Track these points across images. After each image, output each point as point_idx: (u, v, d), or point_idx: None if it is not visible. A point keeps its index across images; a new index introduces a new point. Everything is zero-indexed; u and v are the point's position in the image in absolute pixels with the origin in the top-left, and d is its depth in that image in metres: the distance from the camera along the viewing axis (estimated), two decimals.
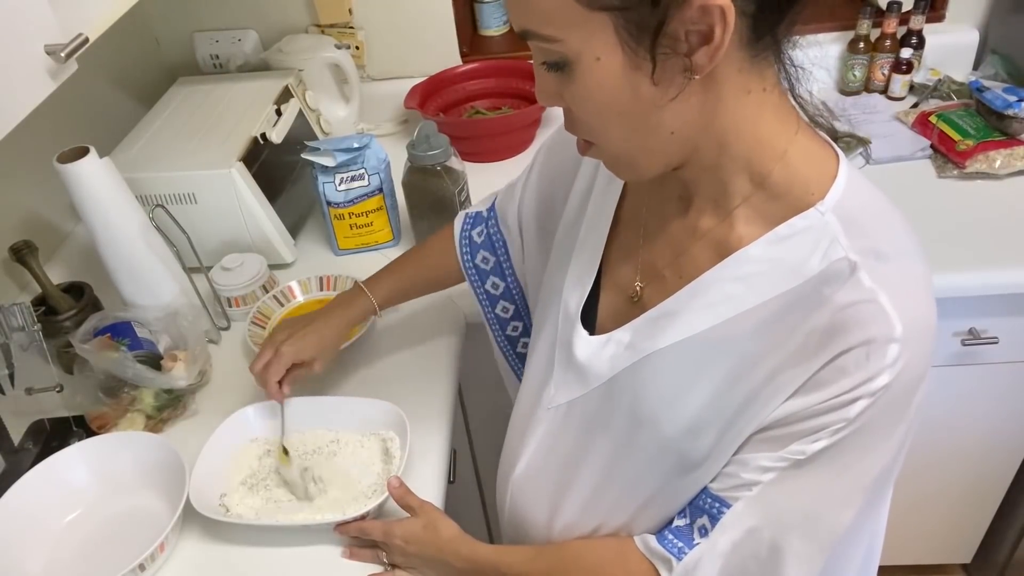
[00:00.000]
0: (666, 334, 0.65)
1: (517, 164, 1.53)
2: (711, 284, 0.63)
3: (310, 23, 1.63)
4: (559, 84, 0.58)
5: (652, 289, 0.70)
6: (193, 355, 1.08)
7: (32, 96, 0.77)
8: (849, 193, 0.60)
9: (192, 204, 1.23)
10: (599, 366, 0.71)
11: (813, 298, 0.58)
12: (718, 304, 0.62)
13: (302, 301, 1.24)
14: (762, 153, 0.60)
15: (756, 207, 0.62)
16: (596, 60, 0.54)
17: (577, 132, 0.62)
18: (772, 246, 0.60)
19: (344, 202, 1.29)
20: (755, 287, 0.61)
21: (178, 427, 1.07)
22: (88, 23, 0.84)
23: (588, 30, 0.53)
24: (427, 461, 0.98)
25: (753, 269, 0.61)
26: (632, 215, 0.75)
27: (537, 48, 0.57)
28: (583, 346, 0.73)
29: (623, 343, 0.69)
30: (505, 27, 1.76)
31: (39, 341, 1.01)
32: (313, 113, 1.49)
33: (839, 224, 0.58)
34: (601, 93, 0.56)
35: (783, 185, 0.60)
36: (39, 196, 1.29)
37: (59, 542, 0.93)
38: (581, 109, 0.58)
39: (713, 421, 0.63)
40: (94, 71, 1.44)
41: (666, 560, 0.66)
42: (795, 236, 0.59)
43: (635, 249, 0.73)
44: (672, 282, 0.67)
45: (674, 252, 0.68)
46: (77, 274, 1.22)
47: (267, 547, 0.90)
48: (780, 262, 0.60)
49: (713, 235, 0.64)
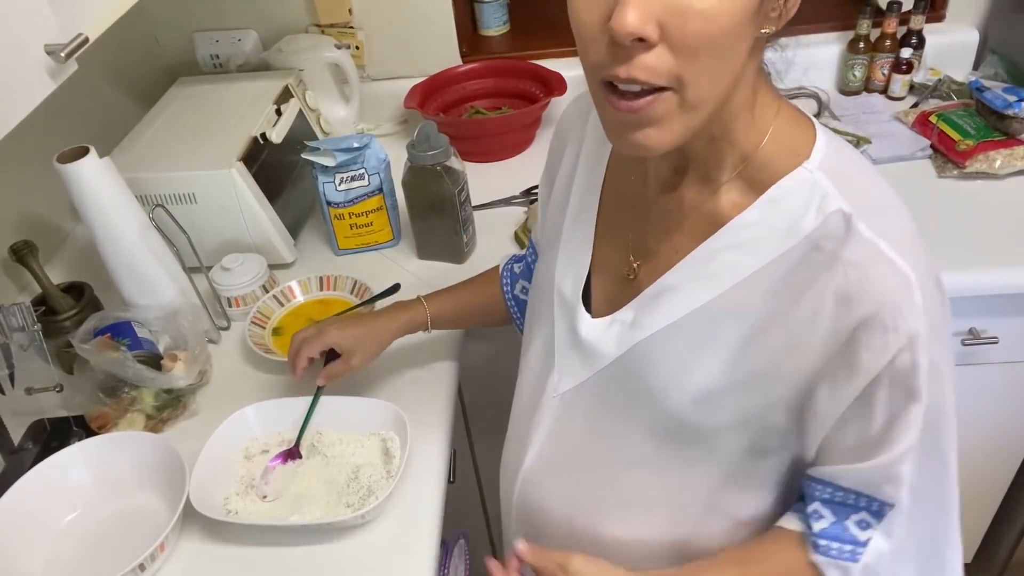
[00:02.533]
0: (670, 309, 0.66)
1: (517, 164, 1.53)
2: (710, 255, 0.64)
3: (310, 23, 1.63)
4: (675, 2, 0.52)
5: (648, 267, 0.70)
6: (193, 355, 1.08)
7: (32, 96, 0.77)
8: (831, 151, 0.62)
9: (192, 204, 1.23)
10: (605, 347, 0.71)
11: (816, 256, 0.59)
12: (720, 274, 0.63)
13: (302, 301, 1.24)
14: (755, 126, 0.62)
15: (746, 177, 0.63)
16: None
17: (659, 69, 0.53)
18: (766, 209, 0.62)
19: (344, 202, 1.29)
20: (754, 251, 0.62)
21: (178, 427, 1.07)
22: (88, 23, 0.84)
23: None
24: (427, 461, 0.98)
25: (750, 234, 0.62)
26: (615, 197, 0.75)
27: None
28: (587, 329, 0.73)
29: (627, 322, 0.69)
30: (505, 27, 1.76)
31: (39, 341, 1.01)
32: (313, 113, 1.49)
33: (827, 179, 0.60)
34: (726, 18, 0.52)
35: (770, 154, 0.62)
36: (39, 196, 1.29)
37: (59, 542, 0.93)
38: (695, 33, 0.52)
39: (727, 389, 0.64)
40: (94, 71, 1.44)
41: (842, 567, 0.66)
42: (787, 196, 0.61)
43: (622, 229, 0.73)
44: (668, 257, 0.67)
45: (666, 228, 0.69)
46: (77, 274, 1.22)
47: (267, 547, 0.90)
48: (776, 223, 0.61)
49: (705, 208, 0.65)
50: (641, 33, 0.51)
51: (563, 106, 1.60)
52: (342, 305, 1.22)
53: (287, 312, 1.23)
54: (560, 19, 2.05)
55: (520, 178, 1.46)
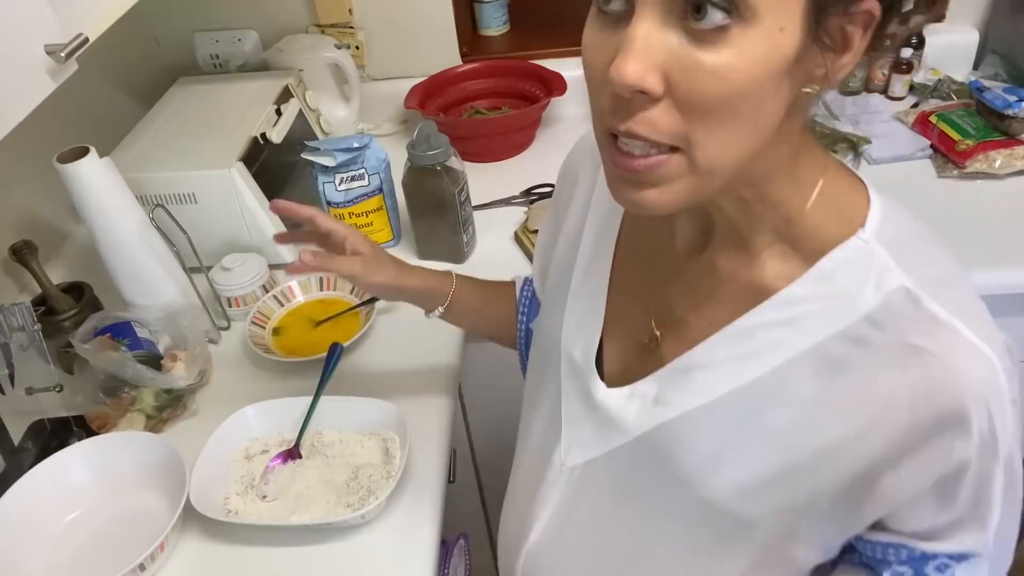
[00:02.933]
0: (704, 387, 0.59)
1: (517, 164, 1.53)
2: (751, 330, 0.57)
3: (310, 23, 1.63)
4: (689, 45, 0.45)
5: (673, 336, 0.63)
6: (193, 355, 1.08)
7: (32, 96, 0.77)
8: (888, 219, 0.55)
9: (192, 204, 1.23)
10: (624, 421, 0.64)
11: (880, 338, 0.52)
12: (764, 351, 0.56)
13: (302, 301, 1.24)
14: (798, 188, 0.55)
15: (790, 244, 0.56)
16: (780, 30, 0.44)
17: (662, 127, 0.48)
18: (817, 284, 0.55)
19: (344, 202, 1.29)
20: (804, 329, 0.55)
21: (178, 427, 1.07)
22: (88, 23, 0.84)
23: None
24: (427, 461, 0.98)
25: (800, 310, 0.55)
26: (633, 252, 0.68)
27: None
28: (601, 398, 0.65)
29: (649, 396, 0.62)
30: (505, 27, 1.76)
31: (39, 341, 1.01)
32: (313, 113, 1.49)
33: (885, 251, 0.53)
34: (743, 77, 0.45)
35: (818, 219, 0.55)
36: (39, 196, 1.29)
37: (59, 542, 0.93)
38: (704, 92, 0.45)
39: (772, 480, 0.57)
40: (94, 71, 1.44)
41: None
42: (841, 269, 0.54)
43: (641, 289, 0.66)
44: (698, 329, 0.60)
45: (695, 295, 0.62)
46: (77, 274, 1.22)
47: (267, 547, 0.90)
48: (829, 299, 0.54)
49: (743, 277, 0.58)
50: (641, 85, 0.45)
51: (563, 106, 1.62)
52: (342, 305, 1.22)
53: (287, 312, 1.23)
54: (560, 19, 2.05)
55: (520, 178, 1.46)
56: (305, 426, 0.99)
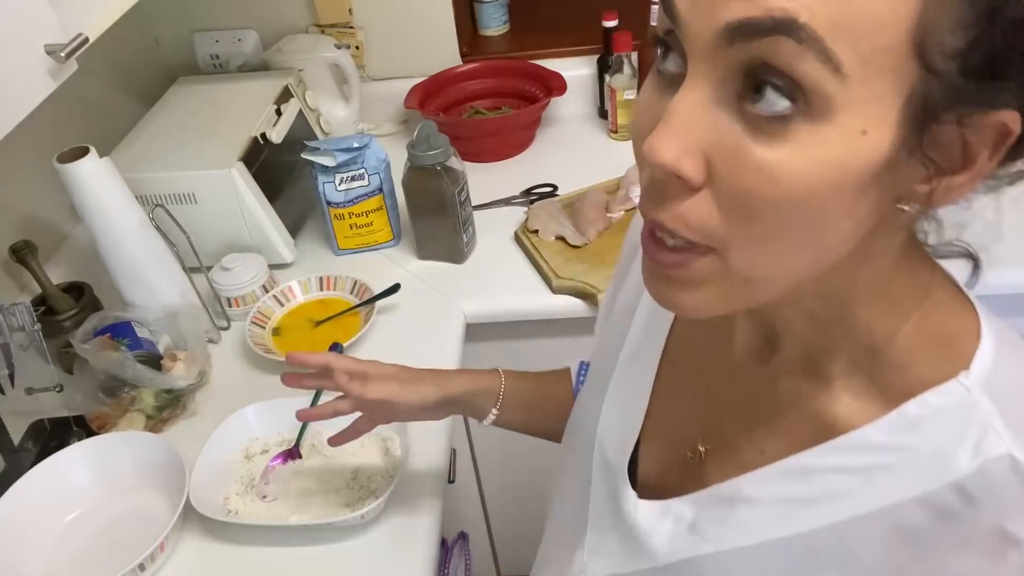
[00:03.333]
0: (747, 527, 0.50)
1: (517, 164, 1.53)
2: (811, 472, 0.47)
3: (310, 23, 1.63)
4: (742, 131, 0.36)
5: (719, 457, 0.55)
6: (193, 355, 1.08)
7: (32, 96, 0.77)
8: (1003, 362, 0.44)
9: (192, 204, 1.23)
10: (654, 542, 0.55)
11: (971, 514, 0.42)
12: (822, 501, 0.47)
13: (302, 301, 1.24)
14: (889, 311, 0.46)
15: (871, 376, 0.46)
16: (862, 133, 0.35)
17: (693, 221, 0.39)
18: (900, 431, 0.44)
19: (344, 202, 1.29)
20: (878, 484, 0.45)
21: (178, 427, 1.07)
22: (88, 23, 0.84)
23: (880, 85, 0.34)
24: (427, 461, 0.98)
25: (873, 460, 0.45)
26: (687, 348, 0.59)
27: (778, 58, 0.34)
28: (632, 511, 0.57)
29: (685, 520, 0.54)
30: (505, 27, 1.76)
31: (39, 341, 1.01)
32: (313, 113, 1.49)
33: (993, 405, 0.42)
34: (800, 183, 0.36)
35: (910, 351, 0.45)
36: (39, 196, 1.29)
37: (59, 542, 0.93)
38: (749, 191, 0.37)
39: None
40: (94, 71, 1.44)
41: None
42: (932, 419, 0.43)
43: (689, 392, 0.58)
44: (748, 455, 0.52)
45: (749, 414, 0.53)
46: (77, 274, 1.22)
47: (267, 547, 0.90)
48: (912, 453, 0.44)
49: (808, 405, 0.49)
50: (674, 169, 0.37)
51: (563, 106, 1.63)
52: (342, 305, 1.22)
53: (287, 312, 1.23)
54: (560, 19, 2.04)
55: (520, 178, 1.46)
56: (305, 426, 0.99)
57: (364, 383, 0.78)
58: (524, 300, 1.23)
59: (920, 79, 0.34)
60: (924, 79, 0.34)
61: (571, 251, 1.26)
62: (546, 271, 1.23)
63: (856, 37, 0.33)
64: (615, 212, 1.32)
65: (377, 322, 1.18)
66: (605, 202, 1.34)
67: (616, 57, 1.47)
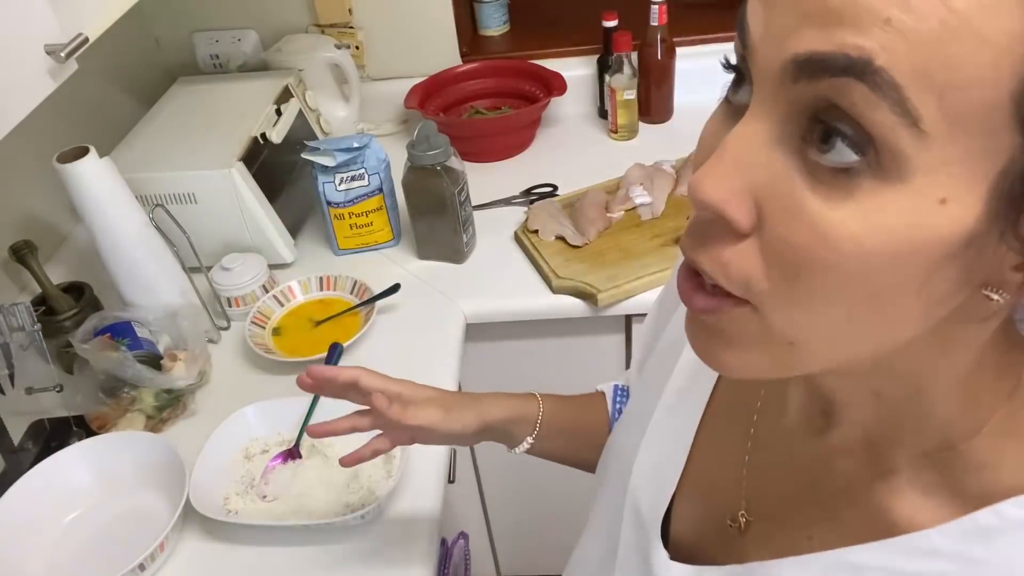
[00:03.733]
0: None
1: (517, 164, 1.53)
2: (862, 570, 0.42)
3: (310, 23, 1.63)
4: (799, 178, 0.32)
5: (762, 530, 0.50)
6: (193, 355, 1.08)
7: (32, 96, 0.77)
8: None
9: (192, 204, 1.23)
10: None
11: None
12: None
13: (302, 301, 1.24)
14: (971, 405, 0.40)
15: (942, 474, 0.41)
16: (940, 201, 0.30)
17: (732, 271, 0.35)
18: (968, 539, 0.39)
19: (344, 202, 1.29)
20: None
21: (178, 427, 1.07)
22: (88, 23, 0.84)
23: (969, 149, 0.29)
24: (427, 461, 0.98)
25: (931, 567, 0.40)
26: (735, 403, 0.55)
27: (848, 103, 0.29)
28: (660, 571, 0.53)
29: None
30: (505, 27, 1.76)
31: (39, 341, 1.01)
32: (313, 113, 1.49)
33: None
34: (882, 247, 0.31)
35: (992, 452, 0.40)
36: (39, 196, 1.29)
37: (59, 542, 0.93)
38: (799, 247, 0.32)
39: None
40: (94, 71, 1.44)
41: None
42: (1007, 532, 0.38)
43: (736, 457, 0.53)
44: (795, 537, 0.47)
45: (798, 490, 0.48)
46: (77, 274, 1.22)
47: (267, 547, 0.90)
48: (979, 566, 0.39)
49: (866, 494, 0.44)
50: (720, 209, 0.33)
51: (563, 106, 1.62)
52: (342, 305, 1.22)
53: (287, 312, 1.23)
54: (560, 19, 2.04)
55: (520, 178, 1.46)
56: (305, 426, 0.99)
57: (404, 407, 0.71)
58: (524, 300, 1.23)
59: (1022, 150, 0.29)
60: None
61: (571, 251, 1.26)
62: (546, 271, 1.23)
63: (944, 89, 0.28)
64: (615, 212, 1.32)
65: (377, 322, 1.18)
66: (605, 202, 1.34)
67: (616, 57, 1.47)
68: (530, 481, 1.48)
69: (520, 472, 1.46)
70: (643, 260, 1.22)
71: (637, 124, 1.55)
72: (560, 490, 1.52)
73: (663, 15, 1.45)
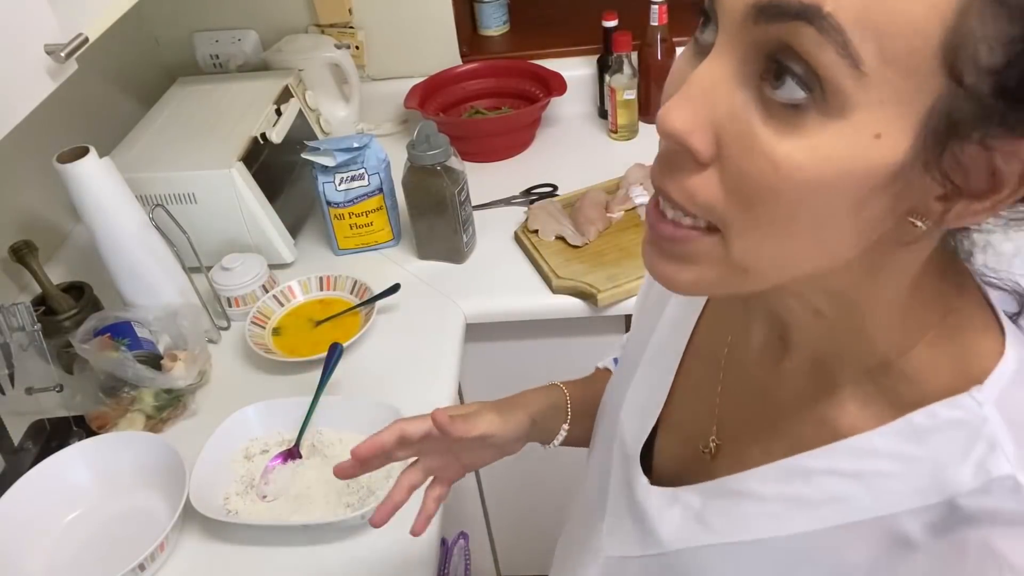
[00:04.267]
0: (748, 522, 0.50)
1: (517, 164, 1.53)
2: (812, 473, 0.47)
3: (310, 23, 1.63)
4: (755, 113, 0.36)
5: (729, 452, 0.56)
6: (193, 355, 1.08)
7: (32, 96, 0.77)
8: (1020, 382, 0.42)
9: (192, 204, 1.23)
10: (662, 529, 0.56)
11: (964, 534, 0.40)
12: (821, 504, 0.46)
13: (302, 301, 1.24)
14: (905, 325, 0.44)
15: (880, 386, 0.45)
16: (875, 136, 0.34)
17: (698, 198, 0.39)
18: (904, 439, 0.43)
19: (344, 202, 1.29)
20: (876, 491, 0.44)
21: (178, 427, 1.07)
22: (88, 23, 0.84)
23: (902, 89, 0.33)
24: None
25: (875, 466, 0.44)
26: (710, 344, 0.59)
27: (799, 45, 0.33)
28: (643, 495, 0.58)
29: (692, 508, 0.54)
30: (505, 27, 1.76)
31: (39, 341, 1.01)
32: (313, 113, 1.49)
33: (1003, 423, 0.41)
34: (823, 175, 0.35)
35: (924, 364, 0.44)
36: (39, 196, 1.29)
37: (59, 542, 0.93)
38: (753, 174, 0.36)
39: None
40: (94, 71, 1.44)
41: None
42: (938, 430, 0.42)
43: (709, 389, 0.58)
44: (756, 453, 0.52)
45: (759, 412, 0.53)
46: (77, 274, 1.22)
47: (267, 547, 0.90)
48: (915, 463, 0.43)
49: (813, 408, 0.48)
50: (684, 140, 0.37)
51: (563, 106, 1.62)
52: (342, 305, 1.22)
53: (287, 312, 1.23)
54: (560, 19, 2.04)
55: (520, 178, 1.46)
56: (305, 426, 0.99)
57: (465, 420, 0.70)
58: (524, 300, 1.23)
59: (947, 91, 0.33)
60: (951, 92, 0.33)
61: (571, 251, 1.26)
62: (546, 271, 1.23)
63: (882, 36, 0.32)
64: (615, 212, 1.32)
65: (377, 322, 1.18)
66: (605, 202, 1.34)
67: (616, 57, 1.47)
68: (530, 481, 1.48)
69: (520, 472, 1.46)
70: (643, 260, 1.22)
71: (637, 124, 1.55)
72: (560, 490, 1.52)
73: (663, 15, 1.45)
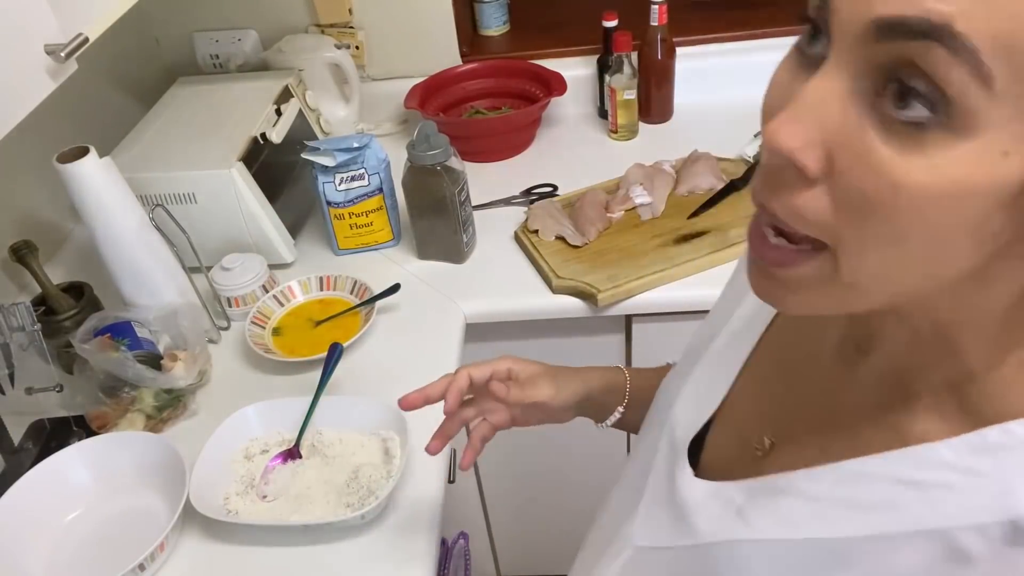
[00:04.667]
0: (793, 520, 0.48)
1: (517, 164, 1.54)
2: (872, 478, 0.45)
3: (310, 23, 1.63)
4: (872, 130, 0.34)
5: (783, 451, 0.53)
6: (193, 355, 1.08)
7: (32, 96, 0.77)
8: None
9: (192, 204, 1.23)
10: (698, 520, 0.55)
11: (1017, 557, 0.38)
12: (874, 508, 0.44)
13: (302, 301, 1.24)
14: (998, 340, 0.42)
15: (960, 400, 0.43)
16: (1002, 154, 0.33)
17: (808, 215, 0.37)
18: (972, 453, 0.41)
19: (344, 202, 1.29)
20: (936, 502, 0.42)
21: (178, 427, 1.07)
22: (88, 23, 0.84)
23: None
24: (427, 461, 0.97)
25: (939, 477, 0.42)
26: (778, 345, 0.58)
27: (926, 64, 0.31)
28: (685, 487, 0.56)
29: (733, 503, 0.53)
30: (505, 27, 1.76)
31: (39, 341, 1.01)
32: (313, 113, 1.49)
33: None
34: (945, 194, 0.33)
35: (1009, 382, 0.42)
36: (39, 196, 1.29)
37: (59, 542, 0.93)
38: (865, 190, 0.35)
39: None
40: (94, 71, 1.44)
41: None
42: (1011, 448, 0.40)
43: (771, 390, 0.57)
44: (812, 453, 0.49)
45: (823, 415, 0.51)
46: (77, 274, 1.22)
47: (267, 547, 0.90)
48: (981, 478, 0.40)
49: (886, 416, 0.46)
50: (794, 157, 0.35)
51: (563, 106, 1.62)
52: (342, 305, 1.22)
53: (287, 312, 1.23)
54: (560, 19, 2.04)
55: (520, 178, 1.46)
56: (305, 426, 0.99)
57: (522, 387, 0.74)
58: (524, 300, 1.23)
59: None
60: None
61: (571, 251, 1.26)
62: (546, 271, 1.23)
63: (1013, 52, 0.30)
64: (615, 212, 1.32)
65: (377, 322, 1.18)
66: (605, 202, 1.34)
67: (616, 57, 1.47)
68: (530, 481, 1.48)
69: (520, 472, 1.47)
70: (643, 260, 1.22)
71: (637, 124, 1.55)
72: (560, 490, 1.52)
73: (663, 15, 1.45)
